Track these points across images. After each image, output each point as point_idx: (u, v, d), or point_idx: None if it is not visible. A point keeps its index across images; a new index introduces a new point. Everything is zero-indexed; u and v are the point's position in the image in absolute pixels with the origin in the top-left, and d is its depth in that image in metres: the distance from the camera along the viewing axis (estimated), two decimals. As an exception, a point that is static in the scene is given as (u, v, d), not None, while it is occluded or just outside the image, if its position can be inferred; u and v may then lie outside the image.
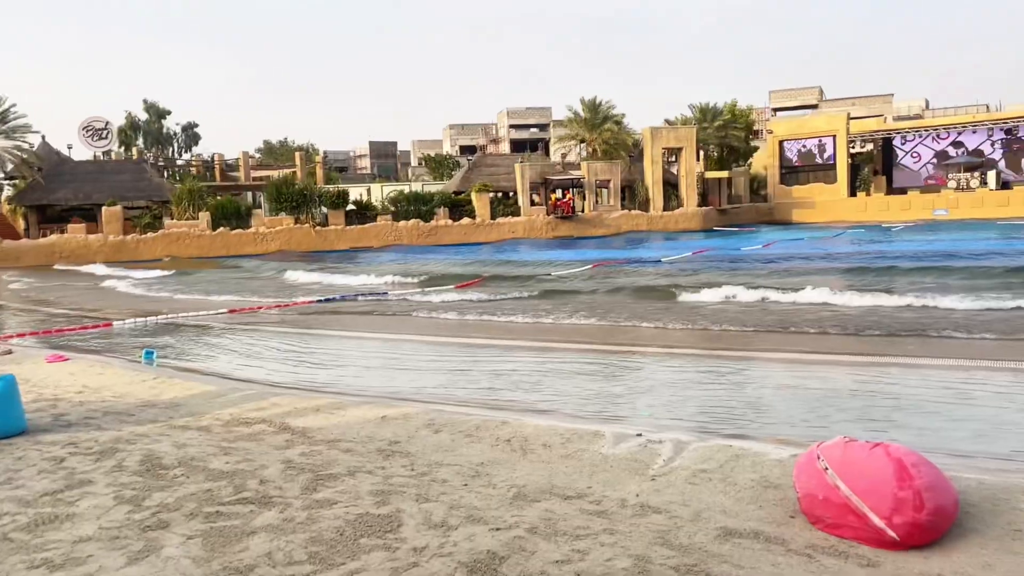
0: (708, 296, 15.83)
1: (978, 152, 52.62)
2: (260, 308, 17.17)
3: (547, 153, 68.36)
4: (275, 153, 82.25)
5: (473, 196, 45.25)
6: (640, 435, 5.64)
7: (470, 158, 61.92)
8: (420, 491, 4.68)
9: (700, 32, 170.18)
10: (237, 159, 61.22)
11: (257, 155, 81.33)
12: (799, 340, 11.14)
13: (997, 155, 52.07)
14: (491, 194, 46.22)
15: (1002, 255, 23.25)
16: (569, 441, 5.60)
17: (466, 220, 44.13)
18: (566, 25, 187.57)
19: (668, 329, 12.73)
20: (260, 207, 46.84)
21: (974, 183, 50.55)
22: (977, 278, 17.00)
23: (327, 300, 18.47)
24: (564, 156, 53.67)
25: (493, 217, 44.80)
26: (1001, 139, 51.89)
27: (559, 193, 47.17)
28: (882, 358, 9.51)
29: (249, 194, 54.29)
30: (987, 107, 59.10)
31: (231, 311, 16.64)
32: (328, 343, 12.65)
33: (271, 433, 6.22)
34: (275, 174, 52.90)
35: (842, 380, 8.39)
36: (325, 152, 78.01)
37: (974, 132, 52.46)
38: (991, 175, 50.52)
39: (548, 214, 45.30)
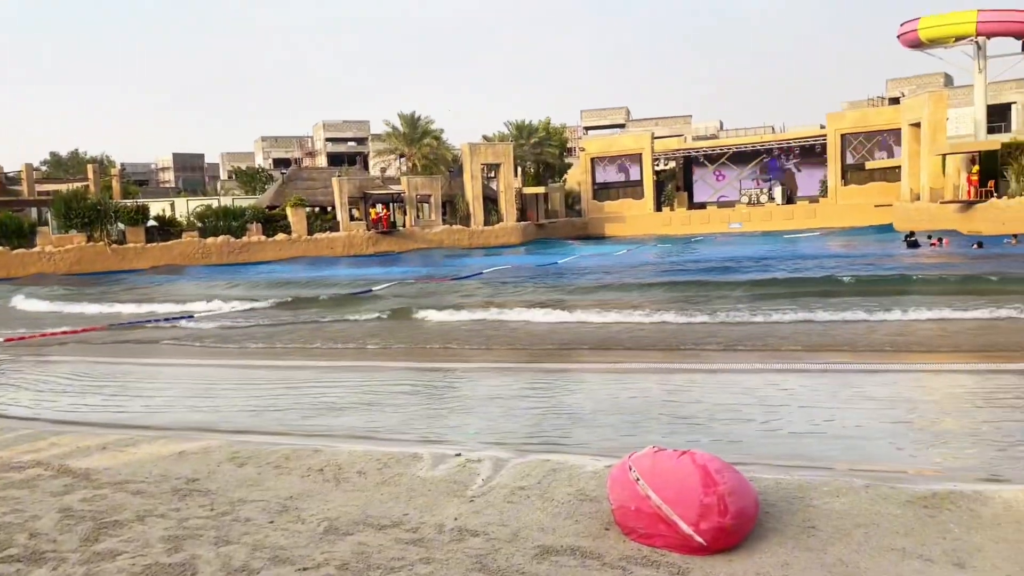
0: (529, 315, 16.02)
1: (766, 169, 57.74)
2: (44, 335, 15.53)
3: (366, 167, 67.46)
4: (64, 166, 75.47)
5: (288, 211, 43.72)
6: (459, 455, 5.53)
7: (284, 172, 59.85)
8: (220, 533, 4.29)
9: (514, 50, 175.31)
10: (19, 172, 55.53)
11: (44, 168, 74.25)
12: (615, 352, 11.55)
13: (781, 173, 57.36)
14: (308, 209, 44.89)
15: (786, 261, 25.53)
16: (386, 466, 5.39)
17: (281, 236, 42.53)
18: (383, 37, 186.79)
19: (490, 345, 12.79)
20: (47, 224, 42.68)
21: (763, 198, 55.34)
22: (771, 287, 18.48)
23: (120, 325, 17.03)
24: (384, 170, 53.21)
25: (310, 232, 43.50)
26: (786, 158, 57.23)
27: (379, 208, 46.66)
28: (688, 365, 10.03)
29: (34, 210, 49.35)
30: (772, 128, 64.94)
31: (7, 340, 14.93)
32: (121, 372, 11.59)
33: (48, 478, 5.53)
34: (65, 188, 48.47)
35: (654, 389, 8.73)
36: (123, 164, 72.55)
37: (762, 151, 57.52)
38: (777, 191, 55.57)
39: (368, 229, 44.62)
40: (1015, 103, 58.91)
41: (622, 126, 73.90)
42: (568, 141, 65.24)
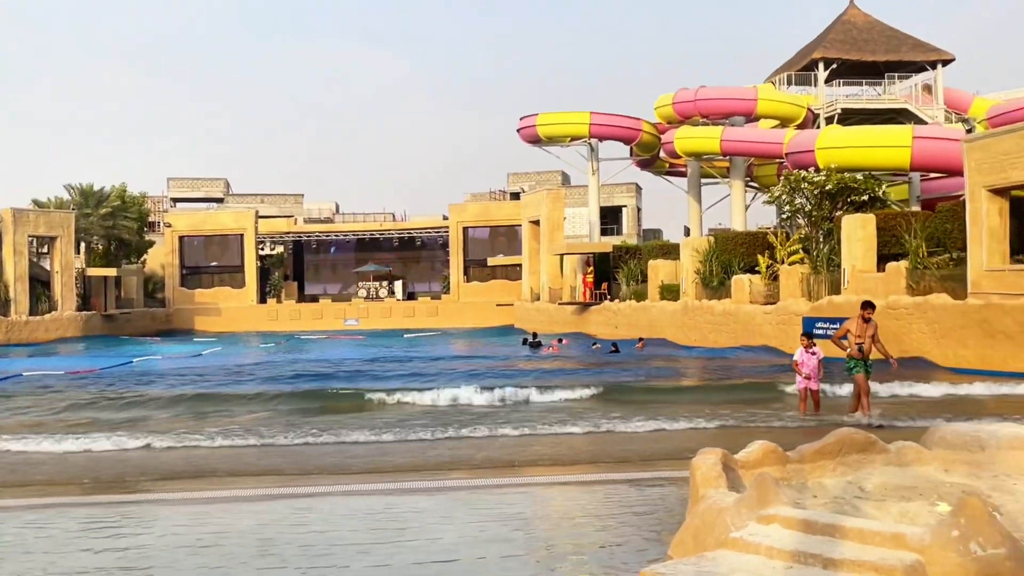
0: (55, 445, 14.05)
1: (387, 261, 60.60)
2: None
3: None
4: None
5: None
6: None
7: None
8: None
9: (80, 98, 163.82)
10: None
11: None
12: (191, 480, 11.01)
13: (403, 265, 60.70)
14: None
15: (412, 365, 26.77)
16: None
17: None
18: None
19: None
20: None
21: (383, 293, 57.80)
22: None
23: None
24: None
25: None
26: (407, 248, 60.74)
27: None
28: (286, 489, 9.89)
29: None
30: (393, 215, 68.71)
31: None
32: None
33: None
34: None
35: (243, 523, 8.44)
36: None
37: (382, 239, 60.39)
38: (398, 285, 58.50)
39: None
40: (626, 206, 69.57)
41: (220, 200, 72.59)
42: (151, 214, 62.21)
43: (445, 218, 58.77)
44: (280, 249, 61.69)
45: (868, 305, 14.16)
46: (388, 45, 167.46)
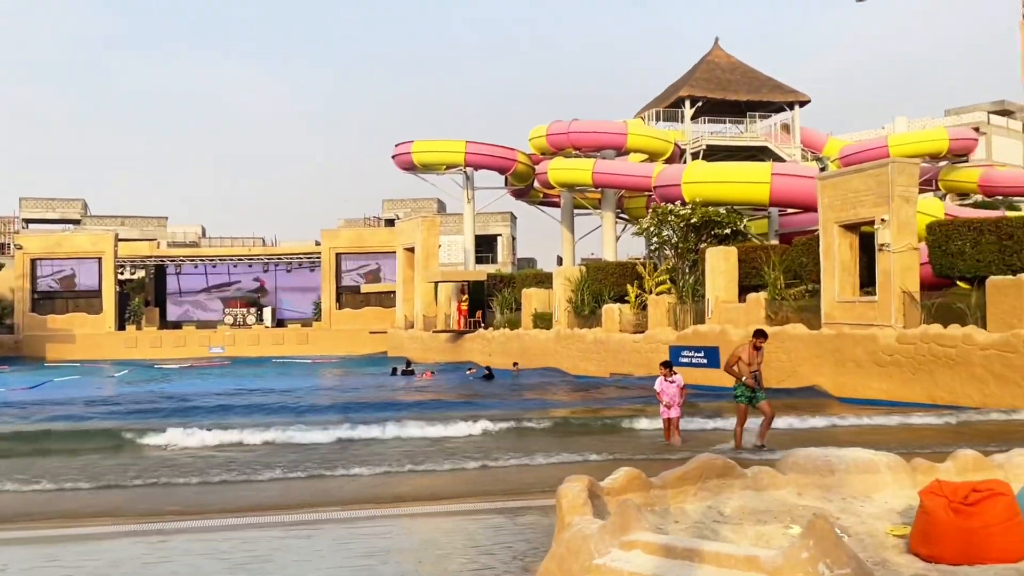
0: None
1: (254, 287, 59.10)
2: None
3: None
4: None
5: None
6: None
7: None
8: None
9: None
10: None
11: None
12: (40, 522, 10.41)
13: (273, 291, 59.27)
14: None
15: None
16: None
17: None
18: None
19: None
20: None
21: (251, 319, 56.28)
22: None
23: None
24: None
25: None
26: (278, 274, 59.36)
27: None
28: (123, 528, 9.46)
29: None
30: (263, 240, 67.08)
31: None
32: None
33: None
34: None
35: (95, 561, 8.01)
36: None
37: (250, 266, 58.88)
38: (267, 312, 57.09)
39: None
40: (500, 235, 70.14)
41: (77, 222, 69.33)
42: (0, 235, 58.91)
43: (317, 244, 57.83)
44: (141, 274, 59.33)
45: (760, 333, 13.84)
46: (261, 66, 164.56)
